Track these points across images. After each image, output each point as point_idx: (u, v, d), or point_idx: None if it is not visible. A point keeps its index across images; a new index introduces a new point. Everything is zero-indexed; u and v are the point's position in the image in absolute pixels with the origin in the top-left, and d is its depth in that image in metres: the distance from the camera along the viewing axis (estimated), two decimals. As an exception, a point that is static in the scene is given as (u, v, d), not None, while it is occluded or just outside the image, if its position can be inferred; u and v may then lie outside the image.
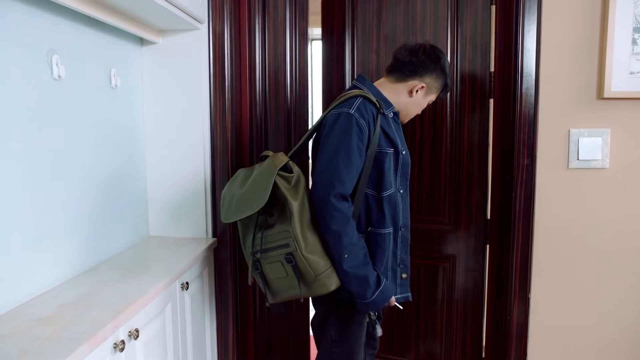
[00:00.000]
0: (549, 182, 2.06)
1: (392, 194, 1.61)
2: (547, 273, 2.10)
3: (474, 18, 2.15)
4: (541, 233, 2.08)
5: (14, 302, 1.34)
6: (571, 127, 2.03)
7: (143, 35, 1.93)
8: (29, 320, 1.24)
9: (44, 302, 1.37)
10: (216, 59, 2.04)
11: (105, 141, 1.80)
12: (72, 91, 1.59)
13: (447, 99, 2.21)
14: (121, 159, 1.92)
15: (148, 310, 1.47)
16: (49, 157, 1.48)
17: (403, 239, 1.68)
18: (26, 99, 1.38)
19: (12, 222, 1.34)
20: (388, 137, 1.60)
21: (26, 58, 1.38)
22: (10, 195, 1.33)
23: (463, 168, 2.24)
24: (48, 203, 1.48)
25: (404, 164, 1.65)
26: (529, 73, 2.01)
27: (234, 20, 2.09)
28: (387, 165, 1.59)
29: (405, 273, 1.71)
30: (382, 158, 1.58)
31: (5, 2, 1.30)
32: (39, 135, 1.43)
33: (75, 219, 1.62)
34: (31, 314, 1.28)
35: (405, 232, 1.68)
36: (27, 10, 1.39)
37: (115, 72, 1.85)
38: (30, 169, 1.40)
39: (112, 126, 1.85)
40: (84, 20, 1.64)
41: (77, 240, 1.63)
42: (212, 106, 2.05)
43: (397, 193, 1.64)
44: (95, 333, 1.17)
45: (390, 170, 1.60)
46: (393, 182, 1.61)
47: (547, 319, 2.13)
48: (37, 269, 1.44)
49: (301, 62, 2.31)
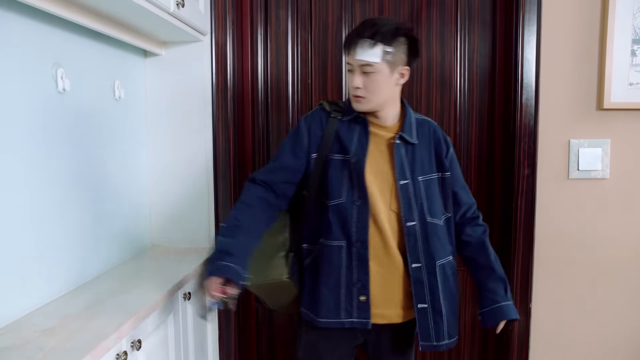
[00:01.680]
0: (549, 192, 2.07)
1: (340, 204, 1.51)
2: (548, 283, 2.11)
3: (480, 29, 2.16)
4: (542, 243, 2.09)
5: (18, 312, 1.35)
6: (571, 138, 2.04)
7: (146, 48, 1.95)
8: (34, 331, 1.25)
9: (48, 313, 1.38)
10: (219, 69, 2.06)
11: (107, 152, 1.82)
12: (76, 104, 1.61)
13: (454, 107, 2.20)
14: (123, 170, 1.93)
15: (150, 320, 1.48)
16: (51, 169, 1.50)
17: (359, 255, 1.51)
18: (30, 112, 1.39)
19: (14, 234, 1.35)
20: (341, 143, 1.53)
21: (32, 71, 1.40)
22: (12, 207, 1.34)
23: (471, 177, 2.23)
24: (50, 214, 1.49)
25: (358, 172, 1.51)
26: (529, 84, 2.03)
27: (237, 31, 2.12)
28: (332, 172, 1.52)
29: (363, 295, 1.52)
30: (328, 164, 1.53)
31: (12, 17, 1.32)
32: (42, 147, 1.45)
33: (77, 229, 1.63)
34: (35, 325, 1.29)
35: (361, 249, 1.51)
36: (34, 25, 1.41)
37: (119, 83, 1.87)
38: (32, 181, 1.42)
39: (115, 137, 1.87)
40: (88, 34, 1.66)
41: (79, 251, 1.64)
42: (215, 116, 2.07)
43: (352, 204, 1.51)
44: (99, 344, 1.18)
45: (339, 177, 1.52)
46: (345, 192, 1.51)
47: (548, 328, 2.13)
48: (40, 280, 1.45)
49: (303, 72, 2.33)
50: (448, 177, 1.57)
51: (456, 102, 2.20)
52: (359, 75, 1.47)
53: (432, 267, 1.52)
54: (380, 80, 1.46)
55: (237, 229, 1.49)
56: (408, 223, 1.50)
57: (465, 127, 2.21)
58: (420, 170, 1.53)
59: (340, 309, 1.52)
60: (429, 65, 2.18)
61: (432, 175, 1.56)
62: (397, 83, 1.51)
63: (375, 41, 1.42)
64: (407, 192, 1.51)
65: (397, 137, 1.52)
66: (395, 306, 1.55)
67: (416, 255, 1.51)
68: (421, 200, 1.52)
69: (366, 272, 1.51)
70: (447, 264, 1.56)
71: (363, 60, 1.44)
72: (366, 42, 1.43)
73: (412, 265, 1.51)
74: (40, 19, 1.44)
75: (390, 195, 1.52)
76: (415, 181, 1.52)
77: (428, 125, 1.60)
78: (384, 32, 1.43)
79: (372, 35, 1.42)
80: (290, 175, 1.56)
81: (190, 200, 2.10)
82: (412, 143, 1.53)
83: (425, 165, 1.55)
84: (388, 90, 1.49)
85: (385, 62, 1.45)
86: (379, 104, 1.50)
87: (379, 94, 1.48)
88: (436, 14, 2.17)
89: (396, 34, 1.45)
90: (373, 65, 1.44)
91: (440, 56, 2.17)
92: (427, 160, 1.56)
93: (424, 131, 1.58)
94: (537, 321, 2.13)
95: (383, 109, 1.53)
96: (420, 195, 1.53)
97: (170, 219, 2.12)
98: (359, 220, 1.50)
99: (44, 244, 1.46)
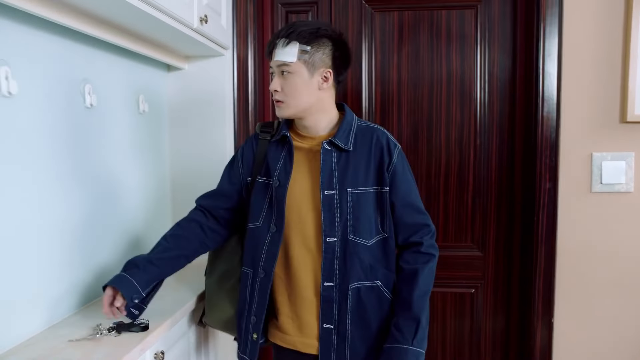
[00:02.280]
0: (571, 205, 2.04)
1: (255, 229, 1.46)
2: (571, 297, 2.08)
3: (500, 41, 2.16)
4: (565, 257, 2.07)
5: (46, 323, 1.39)
6: (594, 151, 2.02)
7: (170, 62, 1.99)
8: (61, 342, 1.28)
9: (74, 323, 1.41)
10: (240, 83, 2.10)
11: (131, 164, 1.85)
12: (102, 118, 1.65)
13: (474, 120, 2.19)
14: (147, 179, 1.97)
15: (174, 331, 1.50)
16: (80, 181, 1.54)
17: (260, 285, 1.43)
18: (58, 128, 1.43)
19: (49, 245, 1.39)
20: (268, 165, 1.47)
21: (60, 88, 1.44)
22: (46, 219, 1.38)
23: (492, 191, 2.21)
24: (83, 222, 1.53)
25: (278, 199, 1.41)
26: (550, 97, 2.01)
27: (257, 45, 2.15)
28: (254, 195, 1.48)
29: (255, 333, 1.44)
30: (252, 186, 1.51)
31: (43, 35, 1.37)
32: (68, 162, 1.49)
33: (102, 238, 1.67)
34: (63, 336, 1.32)
35: (264, 280, 1.43)
36: (63, 43, 1.46)
37: (143, 97, 1.91)
38: (63, 193, 1.46)
39: (140, 149, 1.91)
40: (114, 50, 1.71)
41: (102, 262, 1.68)
42: (236, 129, 2.10)
43: (267, 231, 1.43)
44: (123, 356, 1.20)
45: (258, 201, 1.47)
46: (263, 217, 1.45)
47: (570, 344, 2.10)
48: (68, 291, 1.48)
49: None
50: (386, 192, 1.41)
51: (476, 115, 2.19)
52: (277, 78, 1.39)
53: (345, 289, 1.39)
54: (297, 82, 1.37)
55: (158, 245, 1.48)
56: (328, 238, 1.38)
57: (485, 140, 2.20)
58: (352, 182, 1.39)
59: (242, 340, 1.51)
60: (448, 79, 2.18)
61: (367, 188, 1.40)
62: (321, 87, 1.39)
63: (290, 39, 1.35)
64: (331, 205, 1.38)
65: (327, 142, 1.40)
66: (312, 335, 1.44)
67: (330, 274, 1.39)
68: (346, 214, 1.38)
69: (263, 304, 1.43)
70: (366, 289, 1.40)
71: (279, 61, 1.36)
72: (281, 41, 1.36)
73: (324, 283, 1.39)
74: (71, 37, 1.48)
75: (315, 208, 1.41)
76: (342, 193, 1.38)
77: (372, 133, 1.44)
78: (301, 32, 1.35)
79: (288, 34, 1.35)
80: (227, 200, 1.56)
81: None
82: (346, 150, 1.40)
83: (360, 177, 1.40)
84: (309, 95, 1.38)
85: (303, 62, 1.36)
86: (301, 110, 1.40)
87: (298, 98, 1.38)
88: (455, 27, 2.17)
89: (316, 34, 1.36)
90: (289, 65, 1.35)
91: (460, 69, 2.17)
92: (362, 171, 1.40)
93: (365, 139, 1.42)
94: (560, 335, 2.10)
95: (309, 117, 1.43)
96: (347, 209, 1.38)
97: (192, 231, 2.15)
98: (271, 249, 1.42)
99: (71, 255, 1.50)
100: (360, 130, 1.44)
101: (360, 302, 1.41)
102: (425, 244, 1.42)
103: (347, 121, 1.44)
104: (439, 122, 2.20)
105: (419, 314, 1.37)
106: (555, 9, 1.99)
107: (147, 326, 1.35)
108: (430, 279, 1.42)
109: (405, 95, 2.20)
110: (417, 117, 2.20)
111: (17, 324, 1.28)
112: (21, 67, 1.28)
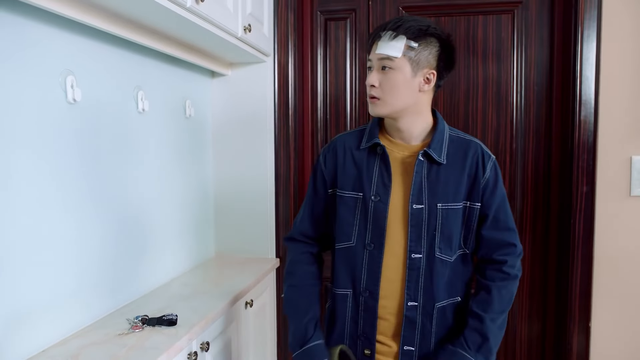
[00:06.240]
0: (609, 209, 2.03)
1: (349, 248, 1.34)
2: (609, 302, 2.07)
3: (537, 45, 2.17)
4: (602, 261, 2.05)
5: (105, 311, 1.51)
6: (633, 155, 2.01)
7: (214, 69, 2.09)
8: (116, 330, 1.39)
9: (128, 313, 1.52)
10: (281, 89, 2.19)
11: (178, 166, 1.96)
12: (152, 122, 1.76)
13: (510, 124, 2.21)
14: (191, 181, 2.07)
15: (217, 325, 1.59)
16: (135, 182, 1.65)
17: (366, 307, 1.33)
18: (115, 132, 1.55)
19: (96, 241, 1.50)
20: (357, 177, 1.34)
21: (117, 94, 1.56)
22: (99, 218, 1.49)
23: (527, 195, 2.22)
24: (134, 220, 1.64)
25: (377, 214, 1.31)
26: (587, 100, 2.01)
27: (297, 52, 2.23)
28: (343, 211, 1.35)
29: (368, 349, 1.34)
30: (338, 202, 1.36)
31: (102, 47, 1.48)
32: (121, 164, 1.60)
33: (150, 235, 1.78)
34: (117, 325, 1.43)
35: (369, 300, 1.32)
36: (120, 53, 1.57)
37: (190, 103, 2.01)
38: (114, 193, 1.57)
39: (186, 151, 2.01)
40: (163, 58, 1.82)
41: (151, 256, 1.78)
42: (277, 133, 2.19)
43: (363, 249, 1.32)
44: (173, 344, 1.29)
45: (350, 218, 1.34)
46: (354, 234, 1.33)
47: (608, 349, 2.08)
48: (121, 284, 1.59)
49: (361, 91, 2.41)
50: (477, 209, 1.32)
51: (512, 119, 2.21)
52: (376, 72, 1.28)
53: (430, 309, 1.31)
54: (399, 79, 1.25)
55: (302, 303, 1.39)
56: (413, 255, 1.30)
57: (521, 144, 2.21)
58: (442, 197, 1.30)
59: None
60: (485, 83, 2.21)
61: (456, 204, 1.31)
62: (422, 89, 1.28)
63: (398, 33, 1.24)
64: (419, 220, 1.29)
65: (422, 154, 1.30)
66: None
67: (415, 293, 1.31)
68: (434, 230, 1.30)
69: (373, 325, 1.34)
70: (449, 306, 1.34)
71: (382, 54, 1.25)
72: (388, 34, 1.25)
73: (408, 303, 1.31)
74: (126, 47, 1.59)
75: (402, 222, 1.32)
76: (432, 208, 1.29)
77: (468, 145, 1.34)
78: (410, 26, 1.24)
79: (396, 27, 1.24)
80: (325, 223, 1.43)
81: (253, 212, 2.21)
82: (439, 162, 1.30)
83: (450, 192, 1.30)
84: (408, 95, 1.27)
85: (407, 59, 1.25)
86: (397, 110, 1.29)
87: (397, 97, 1.27)
88: (492, 32, 2.19)
89: (426, 31, 1.26)
90: (393, 60, 1.24)
91: (497, 73, 2.20)
92: (454, 185, 1.31)
93: (459, 151, 1.33)
94: (597, 340, 2.08)
95: (404, 118, 1.31)
96: (435, 224, 1.30)
97: (234, 229, 2.25)
98: (372, 268, 1.32)
99: (119, 252, 1.60)
100: (453, 141, 1.34)
101: (444, 321, 1.34)
102: (509, 263, 1.33)
103: (439, 130, 1.33)
104: (475, 127, 2.22)
105: (487, 332, 1.30)
106: (593, 12, 2.00)
107: (175, 321, 1.43)
108: (508, 300, 1.34)
109: (442, 101, 2.24)
110: (454, 122, 2.23)
111: (59, 321, 1.37)
112: (84, 76, 1.39)
